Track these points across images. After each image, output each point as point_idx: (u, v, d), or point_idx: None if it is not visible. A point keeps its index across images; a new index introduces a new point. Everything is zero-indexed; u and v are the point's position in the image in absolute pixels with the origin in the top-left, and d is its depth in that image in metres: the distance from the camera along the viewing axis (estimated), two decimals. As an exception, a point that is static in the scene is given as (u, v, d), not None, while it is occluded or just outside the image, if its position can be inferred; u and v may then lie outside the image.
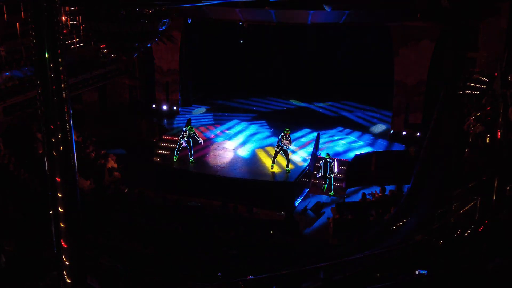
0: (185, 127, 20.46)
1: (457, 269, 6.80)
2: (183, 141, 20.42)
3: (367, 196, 17.72)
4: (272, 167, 19.89)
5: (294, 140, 21.13)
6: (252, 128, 24.45)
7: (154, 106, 26.95)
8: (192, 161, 20.57)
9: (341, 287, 10.14)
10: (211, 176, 19.78)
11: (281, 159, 20.02)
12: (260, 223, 16.27)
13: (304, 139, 22.67)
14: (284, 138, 19.41)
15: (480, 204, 10.69)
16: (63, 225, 4.15)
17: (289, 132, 19.66)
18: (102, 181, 19.21)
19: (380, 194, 17.79)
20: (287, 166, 19.75)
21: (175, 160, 20.79)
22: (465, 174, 13.73)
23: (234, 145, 22.27)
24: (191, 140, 20.47)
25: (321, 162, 19.82)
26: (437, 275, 7.64)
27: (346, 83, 27.36)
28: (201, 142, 20.78)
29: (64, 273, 4.24)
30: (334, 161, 19.91)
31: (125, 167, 21.08)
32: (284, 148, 19.52)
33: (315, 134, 22.03)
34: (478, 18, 21.32)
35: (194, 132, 20.41)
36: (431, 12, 20.76)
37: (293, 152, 21.06)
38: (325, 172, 19.61)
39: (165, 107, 26.59)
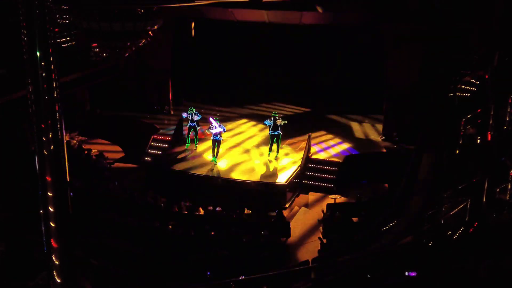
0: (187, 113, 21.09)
1: (447, 270, 6.83)
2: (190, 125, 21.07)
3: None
4: (269, 154, 20.47)
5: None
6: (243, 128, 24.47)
7: (145, 105, 26.79)
8: (196, 147, 21.32)
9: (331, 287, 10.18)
10: (202, 176, 19.74)
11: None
12: (251, 223, 16.26)
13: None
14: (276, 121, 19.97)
15: (470, 206, 10.77)
16: (53, 225, 4.13)
17: (277, 115, 20.32)
18: (93, 180, 19.11)
19: (370, 194, 17.86)
20: (277, 151, 20.44)
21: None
22: (455, 175, 13.81)
23: (227, 145, 22.24)
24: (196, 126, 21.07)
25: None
26: (427, 277, 7.68)
27: (337, 86, 27.38)
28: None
29: (54, 273, 4.22)
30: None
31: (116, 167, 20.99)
32: (277, 133, 20.13)
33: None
34: (470, 20, 21.40)
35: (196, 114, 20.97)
36: (423, 14, 20.81)
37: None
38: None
39: (156, 107, 26.44)
